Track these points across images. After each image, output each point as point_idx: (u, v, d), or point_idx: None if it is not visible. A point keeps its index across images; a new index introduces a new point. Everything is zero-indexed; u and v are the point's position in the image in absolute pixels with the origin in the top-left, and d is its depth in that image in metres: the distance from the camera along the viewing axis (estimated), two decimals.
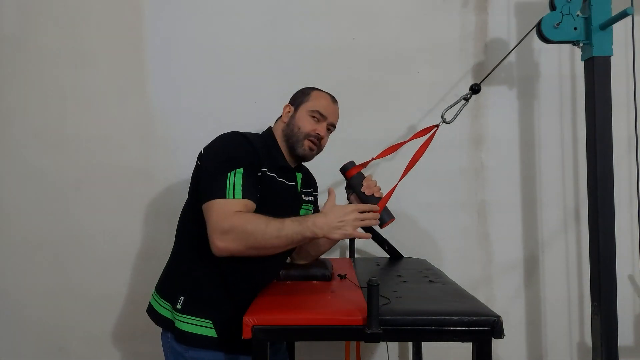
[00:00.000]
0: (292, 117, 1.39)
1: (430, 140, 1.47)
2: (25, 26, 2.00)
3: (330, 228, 1.15)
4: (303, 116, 1.38)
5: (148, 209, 1.99)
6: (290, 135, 1.38)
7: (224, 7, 1.99)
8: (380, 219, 1.40)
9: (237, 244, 1.14)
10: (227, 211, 1.15)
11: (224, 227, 1.13)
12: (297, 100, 1.42)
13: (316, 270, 1.38)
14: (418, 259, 1.79)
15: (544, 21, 1.52)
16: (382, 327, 1.00)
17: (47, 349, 2.01)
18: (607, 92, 1.50)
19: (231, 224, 1.13)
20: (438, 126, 1.49)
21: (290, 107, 1.42)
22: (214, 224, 1.15)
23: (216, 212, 1.16)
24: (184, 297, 1.28)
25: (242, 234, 1.13)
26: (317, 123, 1.39)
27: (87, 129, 1.99)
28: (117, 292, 1.99)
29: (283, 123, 1.41)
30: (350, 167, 1.41)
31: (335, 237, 1.17)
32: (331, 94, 1.45)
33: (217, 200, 1.17)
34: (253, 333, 1.02)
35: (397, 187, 1.35)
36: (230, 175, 1.19)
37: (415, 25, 1.99)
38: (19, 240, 2.01)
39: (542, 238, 2.00)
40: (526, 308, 2.00)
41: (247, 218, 1.15)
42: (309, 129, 1.37)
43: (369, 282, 0.97)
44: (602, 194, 1.49)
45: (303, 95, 1.42)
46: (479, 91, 1.55)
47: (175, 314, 1.28)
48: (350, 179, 1.41)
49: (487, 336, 1.00)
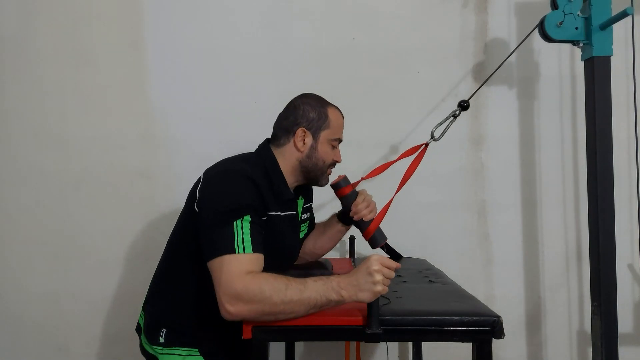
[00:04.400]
0: (314, 149, 1.27)
1: (420, 159, 1.42)
2: (25, 26, 1.99)
3: (357, 290, 1.01)
4: (324, 147, 1.28)
5: (148, 209, 1.99)
6: (313, 168, 1.28)
7: (223, 7, 1.98)
8: (372, 242, 1.37)
9: (251, 310, 1.00)
10: (240, 271, 1.02)
11: (237, 290, 1.00)
12: (314, 125, 1.27)
13: (316, 271, 1.38)
14: (418, 259, 1.79)
15: (547, 20, 1.52)
16: (382, 327, 1.00)
17: (47, 349, 2.01)
18: (607, 92, 1.50)
19: (245, 287, 1.00)
20: (427, 144, 1.45)
21: (306, 133, 1.27)
22: (225, 286, 1.01)
23: (226, 271, 1.02)
24: (166, 330, 1.22)
25: (258, 298, 0.99)
26: (335, 149, 1.32)
27: (87, 129, 1.99)
28: (117, 292, 1.99)
29: (299, 152, 1.27)
30: (343, 185, 1.35)
31: (364, 300, 1.01)
32: (339, 108, 1.37)
33: (226, 257, 1.04)
34: (253, 333, 1.02)
35: (388, 207, 1.32)
36: (237, 225, 1.07)
37: (415, 25, 1.99)
38: (19, 240, 2.01)
39: (542, 238, 2.00)
40: (526, 308, 2.00)
41: (263, 280, 1.01)
42: (331, 159, 1.30)
43: None
44: (602, 194, 1.49)
45: (320, 118, 1.27)
46: (468, 108, 1.51)
47: (158, 348, 1.22)
48: (342, 198, 1.35)
49: (487, 336, 1.00)
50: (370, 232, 1.30)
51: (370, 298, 1.00)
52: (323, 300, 1.01)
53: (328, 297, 1.02)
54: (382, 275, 1.02)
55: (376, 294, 1.00)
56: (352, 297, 1.02)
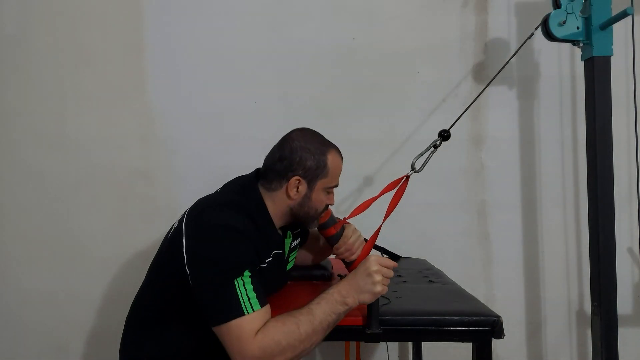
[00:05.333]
0: (307, 198, 1.18)
1: (402, 192, 1.35)
2: (25, 26, 1.99)
3: (358, 293, 1.02)
4: (319, 195, 1.19)
5: (148, 209, 1.99)
6: (304, 216, 1.21)
7: (223, 7, 1.98)
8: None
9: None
10: (252, 332, 0.98)
11: (255, 354, 0.97)
12: (311, 174, 1.17)
13: (316, 271, 1.38)
14: (418, 259, 1.79)
15: (551, 18, 1.52)
16: (382, 327, 1.00)
17: (47, 349, 2.01)
18: (607, 92, 1.50)
19: (261, 348, 0.97)
20: (408, 176, 1.39)
21: (301, 181, 1.17)
22: (240, 352, 0.98)
23: (238, 337, 0.98)
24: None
25: (277, 351, 0.97)
26: (329, 195, 1.24)
27: (87, 129, 1.99)
28: (117, 292, 1.99)
29: (291, 200, 1.18)
30: (330, 225, 1.25)
31: (366, 301, 1.02)
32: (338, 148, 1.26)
33: (235, 322, 0.98)
34: None
35: (374, 242, 1.25)
36: (239, 284, 1.01)
37: (415, 25, 1.99)
38: (19, 240, 2.00)
39: (542, 238, 2.00)
40: (526, 308, 2.00)
41: (274, 331, 0.99)
42: (323, 205, 1.22)
43: None
44: (602, 194, 1.49)
45: (318, 167, 1.17)
46: (449, 138, 1.50)
47: None
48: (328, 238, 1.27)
49: (487, 336, 1.00)
50: (356, 265, 1.27)
51: (371, 299, 1.02)
52: (333, 317, 1.02)
53: (336, 312, 1.02)
54: (381, 276, 1.03)
55: (376, 294, 1.02)
56: (356, 301, 1.03)
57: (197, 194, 1.96)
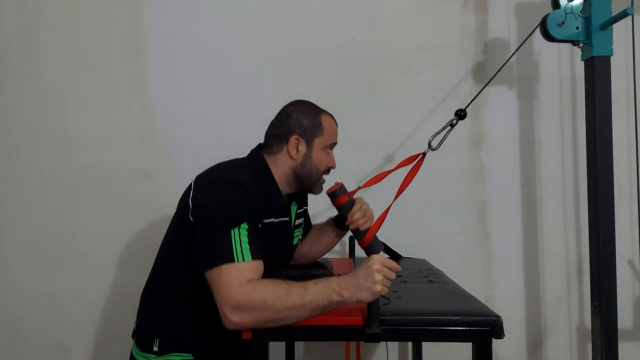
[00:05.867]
0: (308, 157, 1.24)
1: (418, 168, 1.40)
2: (25, 26, 2.00)
3: (357, 290, 1.02)
4: (318, 154, 1.26)
5: (148, 209, 1.99)
6: (307, 176, 1.26)
7: (223, 7, 1.99)
8: (370, 249, 1.33)
9: (254, 318, 1.00)
10: (240, 280, 1.01)
11: (239, 300, 0.99)
12: (308, 133, 1.24)
13: (316, 271, 1.38)
14: (418, 259, 1.79)
15: (549, 19, 1.52)
16: (382, 327, 1.00)
17: (47, 349, 2.01)
18: (607, 92, 1.49)
19: (246, 296, 1.00)
20: (425, 154, 1.43)
21: (300, 141, 1.24)
22: (226, 296, 1.01)
23: (226, 281, 1.01)
24: (159, 338, 1.20)
25: (260, 306, 0.99)
26: (328, 155, 1.29)
27: (87, 129, 1.99)
28: (117, 292, 1.99)
29: (293, 161, 1.24)
30: (340, 194, 1.30)
31: (363, 299, 1.02)
32: (332, 114, 1.34)
33: (225, 267, 1.02)
34: (253, 333, 1.02)
35: (385, 216, 1.29)
36: (235, 233, 1.05)
37: (415, 25, 1.99)
38: (19, 240, 2.01)
39: (542, 238, 2.00)
40: (526, 308, 2.00)
41: (264, 287, 1.01)
42: (325, 166, 1.28)
43: None
44: (602, 194, 1.49)
45: (314, 126, 1.25)
46: (465, 117, 1.51)
47: (152, 356, 1.20)
48: (339, 207, 1.32)
49: (487, 336, 1.00)
50: (366, 242, 1.28)
51: (369, 298, 1.01)
52: (325, 302, 1.02)
53: (329, 299, 1.02)
54: (382, 276, 1.02)
55: (375, 293, 1.01)
56: (353, 296, 1.02)
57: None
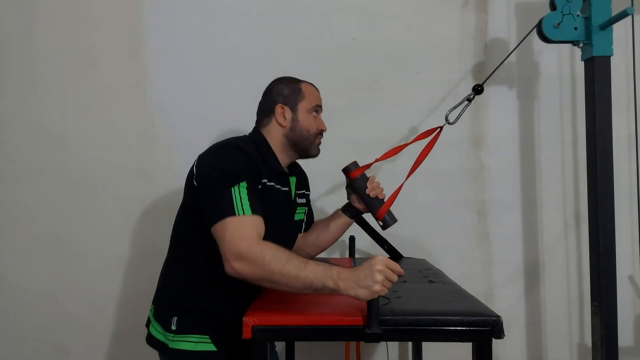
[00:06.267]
0: (296, 121, 1.34)
1: (434, 142, 1.48)
2: (26, 26, 2.00)
3: (355, 285, 1.00)
4: (305, 117, 1.35)
5: (148, 209, 1.99)
6: (300, 139, 1.34)
7: (224, 7, 1.99)
8: (384, 222, 1.41)
9: (251, 271, 1.05)
10: (242, 231, 1.08)
11: (240, 249, 1.05)
12: (290, 100, 1.35)
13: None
14: (418, 259, 1.79)
15: (544, 21, 1.52)
16: (382, 327, 1.00)
17: (47, 349, 2.01)
18: (607, 92, 1.50)
19: (247, 248, 1.05)
20: (442, 128, 1.50)
21: (284, 108, 1.34)
22: (229, 244, 1.07)
23: (229, 231, 1.08)
24: (177, 317, 1.25)
25: (258, 261, 1.04)
26: (316, 118, 1.38)
27: (87, 129, 1.99)
28: (117, 292, 1.99)
29: (282, 128, 1.34)
30: (354, 168, 1.41)
31: (360, 296, 1.01)
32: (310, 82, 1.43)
33: (228, 219, 1.09)
34: (253, 333, 1.02)
35: (400, 189, 1.35)
36: (235, 191, 1.12)
37: (415, 25, 1.99)
38: (19, 240, 2.01)
39: (542, 238, 2.00)
40: (526, 308, 2.00)
41: (266, 247, 1.06)
42: (315, 128, 1.37)
43: None
44: (602, 194, 1.49)
45: (294, 93, 1.36)
46: (482, 92, 1.55)
47: (170, 335, 1.24)
48: (353, 180, 1.40)
49: (487, 336, 0.99)
50: (383, 213, 1.35)
51: (367, 296, 0.99)
52: (319, 284, 1.02)
53: (324, 283, 1.02)
54: (383, 276, 1.00)
55: (373, 293, 0.99)
56: (349, 290, 1.01)
57: None
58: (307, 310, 1.09)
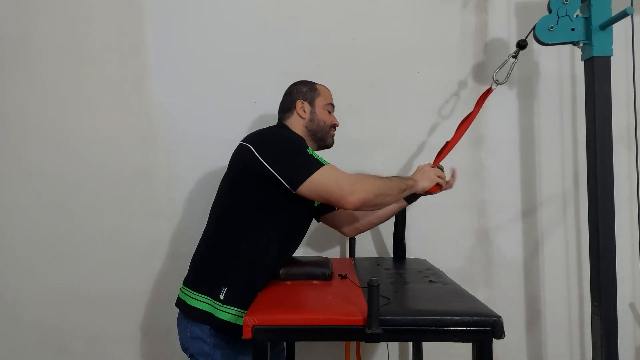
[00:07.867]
0: (314, 114, 1.50)
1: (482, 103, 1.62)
2: (25, 26, 2.00)
3: (421, 179, 1.45)
4: (321, 111, 1.51)
5: (148, 209, 1.99)
6: (318, 129, 1.50)
7: (224, 7, 1.99)
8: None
9: (368, 192, 1.26)
10: (339, 172, 1.27)
11: (350, 182, 1.25)
12: (308, 96, 1.52)
13: (316, 270, 1.38)
14: (418, 259, 1.79)
15: (538, 25, 1.54)
16: (382, 327, 1.00)
17: (47, 349, 2.01)
18: (607, 92, 1.50)
19: (354, 180, 1.27)
20: (492, 89, 1.57)
21: (304, 103, 1.50)
22: (339, 184, 1.24)
23: (329, 176, 1.25)
24: (227, 288, 1.30)
25: (368, 185, 1.27)
26: (331, 114, 1.55)
27: (87, 129, 1.99)
28: (117, 292, 1.99)
29: (302, 119, 1.50)
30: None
31: (426, 187, 1.45)
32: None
33: (322, 169, 1.25)
34: (253, 333, 1.02)
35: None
36: (310, 151, 1.31)
37: (415, 25, 1.99)
38: (19, 240, 2.01)
39: (542, 238, 2.00)
40: (526, 308, 2.00)
41: (361, 175, 1.33)
42: (330, 121, 1.53)
43: (369, 282, 0.97)
44: (602, 194, 1.49)
45: (311, 91, 1.53)
46: (526, 46, 1.57)
47: (217, 304, 1.30)
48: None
49: (488, 336, 1.00)
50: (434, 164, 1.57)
51: (429, 184, 1.46)
52: (404, 185, 1.39)
53: (406, 183, 1.40)
54: (432, 172, 1.48)
55: (433, 180, 1.47)
56: (419, 182, 1.45)
57: (197, 193, 1.98)
58: (307, 310, 1.09)
